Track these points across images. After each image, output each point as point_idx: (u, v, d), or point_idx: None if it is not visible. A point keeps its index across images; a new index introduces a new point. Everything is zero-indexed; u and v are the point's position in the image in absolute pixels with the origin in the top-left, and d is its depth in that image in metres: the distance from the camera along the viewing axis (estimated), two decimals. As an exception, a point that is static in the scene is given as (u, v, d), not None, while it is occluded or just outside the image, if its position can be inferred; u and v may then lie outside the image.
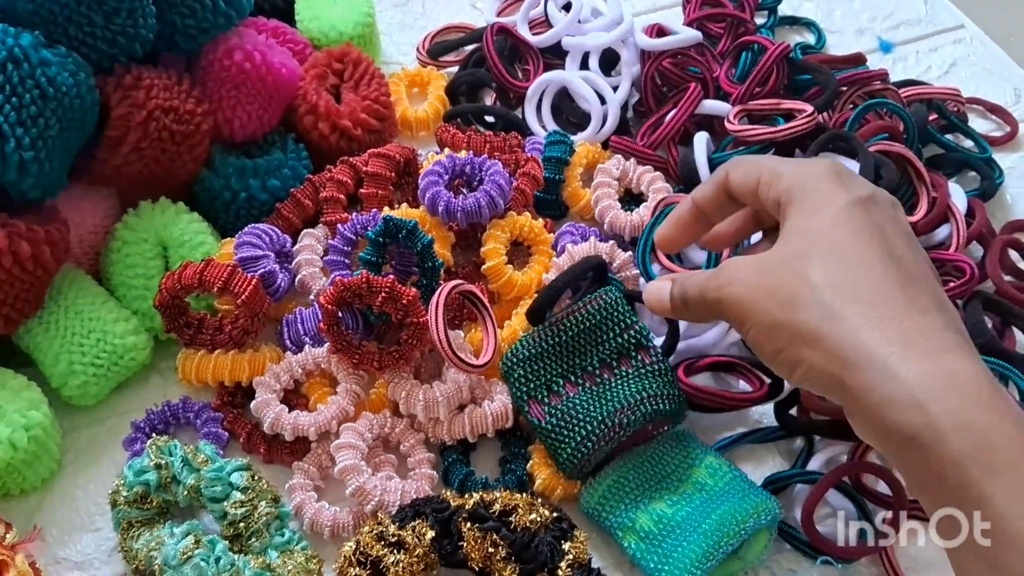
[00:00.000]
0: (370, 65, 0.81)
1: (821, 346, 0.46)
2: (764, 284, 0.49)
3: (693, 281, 0.55)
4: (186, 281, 0.64)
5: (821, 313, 0.46)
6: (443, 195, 0.70)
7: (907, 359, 0.44)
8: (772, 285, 0.49)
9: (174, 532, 0.56)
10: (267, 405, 0.64)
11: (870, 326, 0.45)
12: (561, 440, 0.60)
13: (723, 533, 0.58)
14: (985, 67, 0.96)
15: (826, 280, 0.47)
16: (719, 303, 0.52)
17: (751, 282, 0.50)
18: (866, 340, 0.45)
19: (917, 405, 0.43)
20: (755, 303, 0.49)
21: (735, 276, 0.51)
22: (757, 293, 0.49)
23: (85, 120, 0.64)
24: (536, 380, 0.63)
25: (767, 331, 0.49)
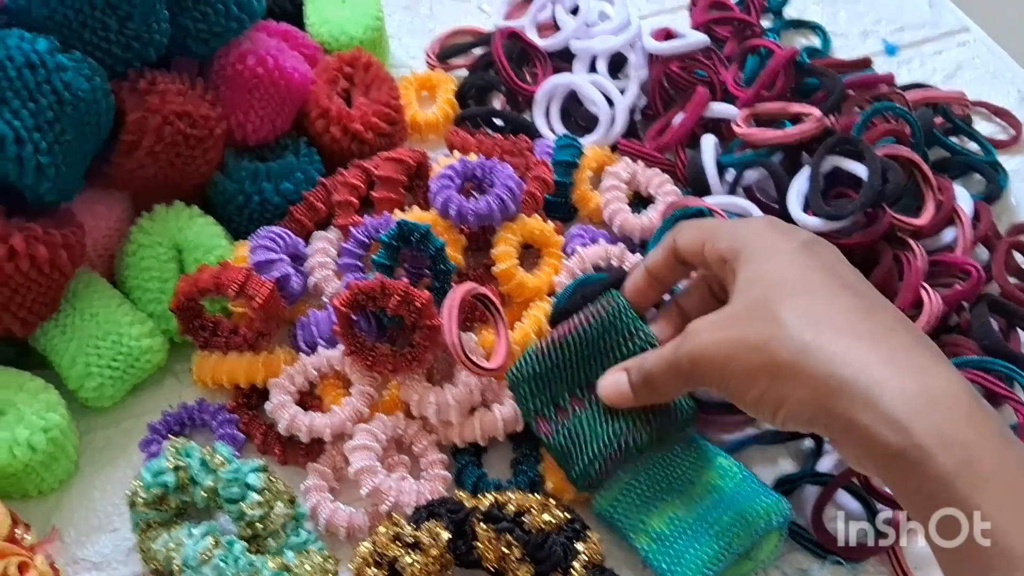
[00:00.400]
0: (380, 69, 0.81)
1: (801, 380, 0.47)
2: (734, 335, 0.50)
3: (655, 359, 0.56)
4: (202, 285, 0.64)
5: (796, 347, 0.47)
6: (455, 198, 0.71)
7: (886, 380, 0.45)
8: (742, 333, 0.50)
9: (193, 533, 0.57)
10: (283, 407, 0.64)
11: (845, 353, 0.46)
12: (569, 458, 0.61)
13: (735, 534, 0.59)
14: (989, 70, 0.96)
15: (794, 316, 0.48)
16: (693, 366, 0.52)
17: (720, 336, 0.51)
18: (843, 367, 0.46)
19: (901, 425, 0.43)
20: (729, 355, 0.50)
21: (701, 336, 0.52)
22: (729, 345, 0.50)
23: (100, 124, 0.65)
24: (542, 396, 0.62)
25: (746, 378, 0.49)
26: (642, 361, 0.57)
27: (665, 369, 0.55)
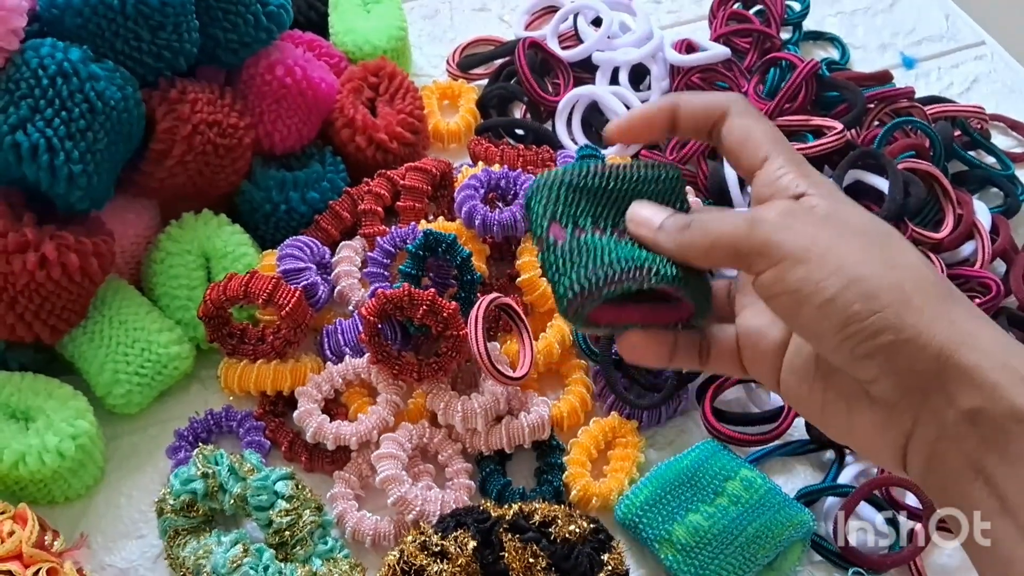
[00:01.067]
0: (405, 79, 0.82)
1: (935, 320, 0.40)
2: (852, 244, 0.42)
3: (718, 214, 0.45)
4: (231, 293, 0.65)
5: (935, 291, 0.41)
6: (480, 209, 0.71)
7: (1015, 351, 0.40)
8: (864, 246, 0.42)
9: (222, 540, 0.58)
10: (310, 415, 0.65)
11: (976, 319, 0.41)
12: (575, 267, 0.47)
13: (759, 546, 0.59)
14: (1006, 83, 0.97)
15: (927, 267, 0.42)
16: (780, 231, 0.42)
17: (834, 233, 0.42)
18: (978, 326, 0.41)
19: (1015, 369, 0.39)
20: (846, 254, 0.41)
21: (805, 217, 0.43)
22: (846, 247, 0.41)
23: (132, 133, 0.66)
24: (563, 207, 0.49)
25: (859, 287, 0.40)
26: (697, 214, 0.46)
27: (733, 226, 0.43)
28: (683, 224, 0.45)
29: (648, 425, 0.69)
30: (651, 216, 0.46)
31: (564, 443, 0.67)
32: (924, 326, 0.40)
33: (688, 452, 0.65)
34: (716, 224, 0.44)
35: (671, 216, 0.46)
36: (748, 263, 0.43)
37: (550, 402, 0.68)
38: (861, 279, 0.40)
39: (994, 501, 0.40)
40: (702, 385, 0.69)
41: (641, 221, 0.47)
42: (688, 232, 0.45)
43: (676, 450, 0.66)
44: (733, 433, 0.66)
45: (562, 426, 0.68)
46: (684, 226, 0.45)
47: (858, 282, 0.40)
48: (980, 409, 0.40)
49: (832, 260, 0.41)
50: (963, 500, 0.42)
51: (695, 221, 0.45)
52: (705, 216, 0.45)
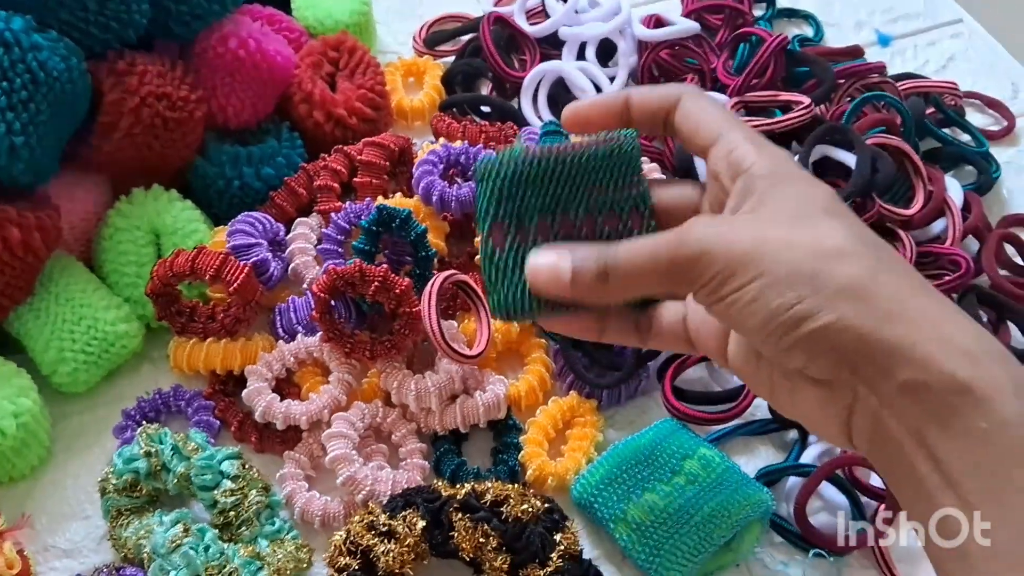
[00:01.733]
0: (366, 54, 0.80)
1: (856, 299, 0.40)
2: (777, 235, 0.41)
3: (637, 248, 0.43)
4: (178, 269, 0.63)
5: (860, 267, 0.40)
6: (437, 184, 0.70)
7: (955, 321, 0.40)
8: (788, 234, 0.41)
9: (163, 520, 0.56)
10: (259, 394, 0.63)
11: (918, 294, 0.41)
12: (503, 281, 0.47)
13: (715, 525, 0.58)
14: (983, 61, 0.95)
15: (856, 240, 0.41)
16: (704, 254, 0.41)
17: (759, 232, 0.42)
18: (916, 300, 0.40)
19: (973, 359, 0.39)
20: (770, 253, 0.41)
21: (726, 228, 0.43)
22: (771, 243, 0.41)
23: (77, 105, 0.64)
24: (509, 204, 0.48)
25: (782, 282, 0.40)
26: (608, 250, 0.44)
27: (654, 263, 0.43)
28: (598, 274, 0.43)
29: (608, 404, 0.67)
30: (556, 267, 0.44)
31: (522, 423, 0.66)
32: (845, 308, 0.39)
33: (646, 431, 0.64)
34: (635, 268, 0.43)
35: (580, 264, 0.44)
36: (681, 291, 0.43)
37: (507, 381, 0.66)
38: (783, 273, 0.40)
39: (937, 475, 0.39)
40: (663, 364, 0.68)
41: (546, 280, 0.44)
42: (607, 286, 0.43)
43: (636, 430, 0.65)
44: (694, 412, 0.65)
45: (520, 405, 0.67)
46: (600, 277, 0.43)
47: (780, 277, 0.40)
48: (917, 382, 0.39)
49: (759, 258, 0.40)
50: (910, 473, 0.41)
51: (611, 270, 0.43)
52: (621, 256, 0.43)
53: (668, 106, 0.47)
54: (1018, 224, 0.79)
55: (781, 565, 0.61)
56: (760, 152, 0.44)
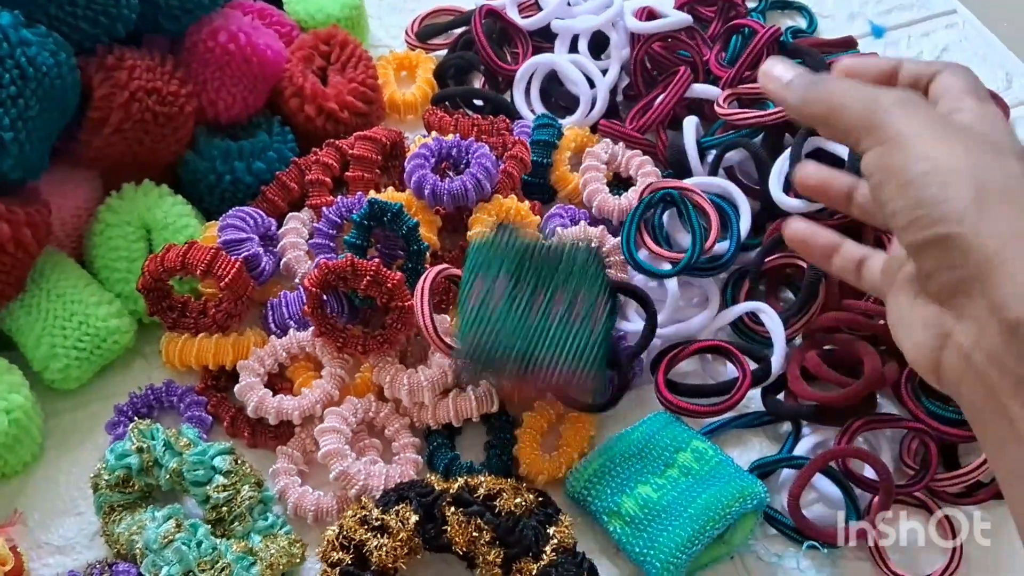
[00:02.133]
0: (357, 47, 0.80)
1: (997, 224, 0.40)
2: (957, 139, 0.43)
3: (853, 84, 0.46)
4: (169, 264, 0.63)
5: (1018, 202, 0.41)
6: (429, 178, 0.70)
7: None
8: (967, 143, 0.43)
9: (155, 516, 0.56)
10: (251, 389, 0.63)
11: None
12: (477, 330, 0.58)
13: (709, 517, 0.58)
14: (977, 52, 0.95)
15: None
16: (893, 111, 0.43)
17: (941, 128, 0.43)
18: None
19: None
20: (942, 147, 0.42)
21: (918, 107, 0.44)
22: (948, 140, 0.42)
23: (66, 101, 0.64)
24: (487, 265, 0.60)
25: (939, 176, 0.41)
26: (824, 78, 0.47)
27: (854, 96, 0.45)
28: (810, 81, 0.47)
29: (600, 398, 0.67)
30: (782, 73, 0.48)
31: (517, 417, 0.66)
32: (985, 227, 0.40)
33: (639, 424, 0.63)
34: (840, 93, 0.45)
35: (800, 74, 0.47)
36: (856, 138, 0.44)
37: (501, 375, 0.66)
38: (946, 170, 0.41)
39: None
40: (656, 357, 0.67)
41: (773, 76, 0.48)
42: (814, 90, 0.46)
43: (629, 423, 0.65)
44: (687, 405, 0.64)
45: (514, 400, 0.66)
46: (811, 83, 0.46)
47: (941, 172, 0.41)
48: (1021, 322, 0.39)
49: (929, 150, 0.42)
50: (999, 417, 0.41)
51: (823, 83, 0.46)
52: (832, 83, 0.46)
53: (930, 75, 0.48)
54: (1012, 215, 0.79)
55: (775, 557, 0.61)
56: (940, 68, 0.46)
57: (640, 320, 0.68)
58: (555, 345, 0.58)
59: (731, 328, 0.70)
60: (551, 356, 0.58)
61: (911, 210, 0.42)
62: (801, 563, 0.61)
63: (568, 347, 0.58)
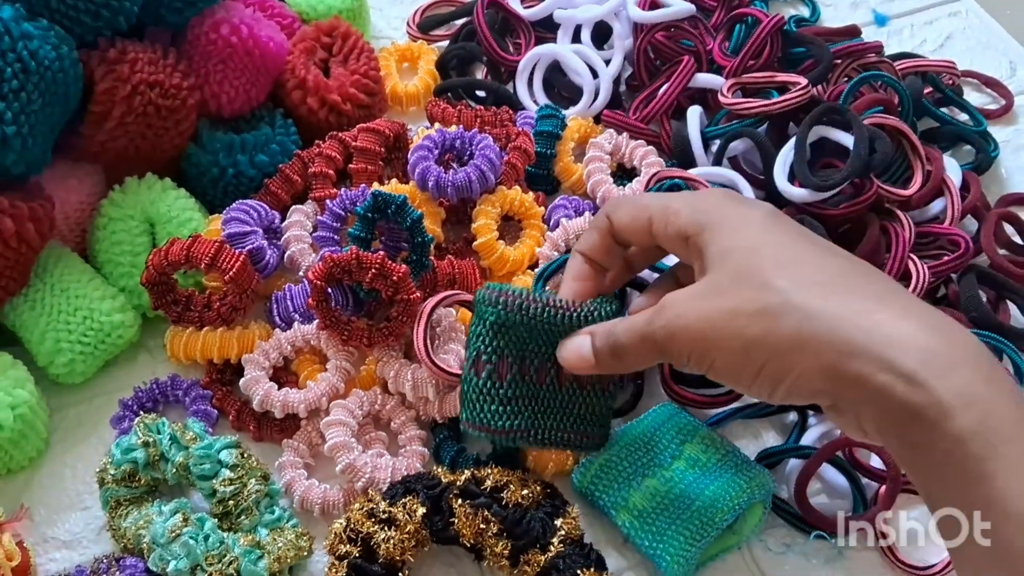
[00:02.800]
0: (359, 39, 0.80)
1: (808, 348, 0.44)
2: (722, 306, 0.46)
3: (626, 327, 0.51)
4: (173, 257, 0.63)
5: (799, 314, 0.44)
6: (433, 170, 0.69)
7: (903, 338, 0.43)
8: (732, 305, 0.46)
9: (162, 510, 0.56)
10: (256, 382, 0.63)
11: (855, 314, 0.44)
12: (477, 402, 0.56)
13: (717, 508, 0.58)
14: (981, 40, 0.95)
15: (789, 282, 0.45)
16: (670, 340, 0.48)
17: (705, 309, 0.47)
18: (855, 329, 0.43)
19: (921, 382, 0.41)
20: (718, 330, 0.46)
21: (679, 308, 0.48)
22: (717, 318, 0.46)
23: (68, 94, 0.63)
24: (497, 340, 0.56)
25: (741, 354, 0.46)
26: (612, 327, 0.52)
27: (637, 341, 0.50)
28: (612, 352, 0.52)
29: (608, 389, 0.67)
30: (581, 355, 0.54)
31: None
32: (802, 359, 0.44)
33: (645, 416, 0.63)
34: (631, 346, 0.51)
35: (597, 349, 0.53)
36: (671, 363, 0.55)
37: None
38: (738, 348, 0.46)
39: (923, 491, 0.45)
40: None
41: (576, 360, 0.54)
42: (622, 361, 0.52)
43: (635, 414, 0.64)
44: (693, 396, 0.64)
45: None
46: (614, 354, 0.52)
47: (736, 351, 0.46)
48: (883, 410, 0.43)
49: (712, 340, 0.47)
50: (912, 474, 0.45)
51: (617, 347, 0.52)
52: (621, 335, 0.51)
53: (605, 233, 0.55)
54: (1017, 203, 0.79)
55: (783, 547, 0.61)
56: (687, 209, 0.51)
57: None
58: (564, 415, 0.57)
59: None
60: (559, 425, 0.57)
61: (749, 388, 0.47)
62: (808, 553, 0.61)
63: (577, 415, 0.58)
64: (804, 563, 0.60)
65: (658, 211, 0.52)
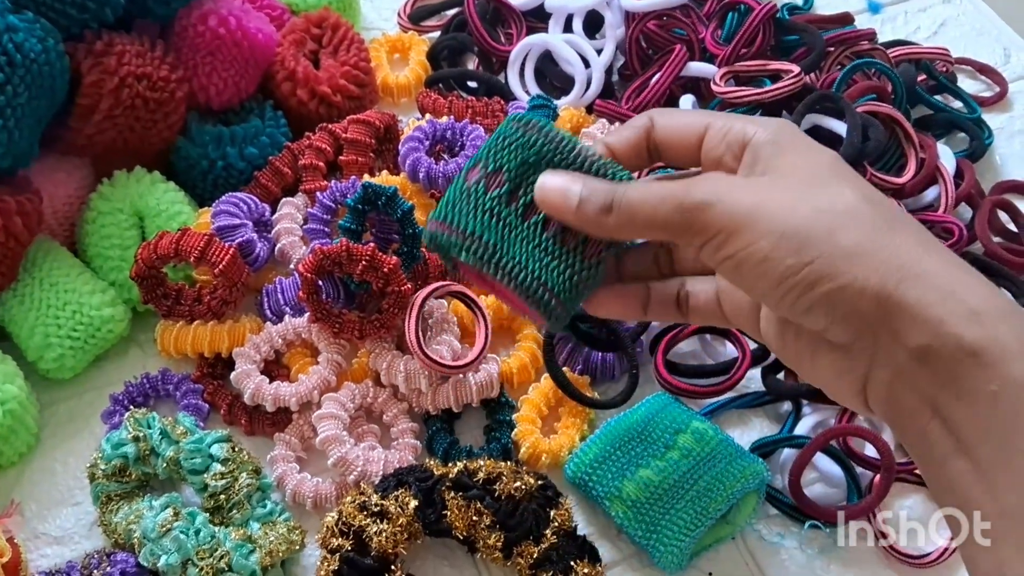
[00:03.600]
0: (349, 30, 0.79)
1: (869, 262, 0.40)
2: (782, 196, 0.41)
3: (645, 191, 0.43)
4: (162, 251, 0.63)
5: (869, 227, 0.40)
6: (424, 161, 0.69)
7: (965, 281, 0.40)
8: (794, 196, 0.41)
9: (153, 505, 0.56)
10: (247, 376, 0.63)
11: (922, 249, 0.40)
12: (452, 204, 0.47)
13: (711, 498, 0.57)
14: (975, 27, 0.94)
15: (862, 196, 0.41)
16: (705, 209, 0.41)
17: (761, 192, 0.42)
18: (923, 258, 0.40)
19: (985, 321, 0.38)
20: (772, 212, 0.41)
21: (730, 183, 0.43)
22: (773, 203, 0.41)
23: (55, 87, 0.63)
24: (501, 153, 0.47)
25: (787, 244, 0.40)
26: (620, 187, 0.44)
27: (657, 201, 0.43)
28: (604, 205, 0.43)
29: (601, 381, 0.67)
30: (566, 190, 0.44)
31: (515, 400, 0.65)
32: (859, 269, 0.39)
33: (639, 406, 0.63)
34: (643, 207, 0.43)
35: (589, 192, 0.44)
36: (684, 241, 0.43)
37: (500, 359, 0.66)
38: (791, 233, 0.40)
39: (950, 440, 0.39)
40: (655, 338, 0.67)
41: (554, 198, 0.44)
42: (612, 217, 0.43)
43: (629, 405, 0.64)
44: (687, 386, 0.64)
45: (512, 383, 0.66)
46: (606, 208, 0.43)
47: (789, 236, 0.40)
48: (928, 347, 0.39)
49: (763, 218, 0.41)
50: (923, 440, 0.41)
51: (618, 201, 0.43)
52: (631, 194, 0.43)
53: (643, 133, 0.47)
54: (1011, 190, 0.78)
55: (777, 537, 0.61)
56: (758, 123, 0.44)
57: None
58: (529, 256, 0.47)
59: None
60: (525, 267, 0.47)
61: (778, 285, 0.41)
62: (803, 542, 0.61)
63: (547, 269, 0.48)
64: (798, 552, 0.60)
65: (720, 120, 0.46)
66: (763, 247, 0.40)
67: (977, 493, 0.39)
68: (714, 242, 0.41)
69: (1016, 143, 0.84)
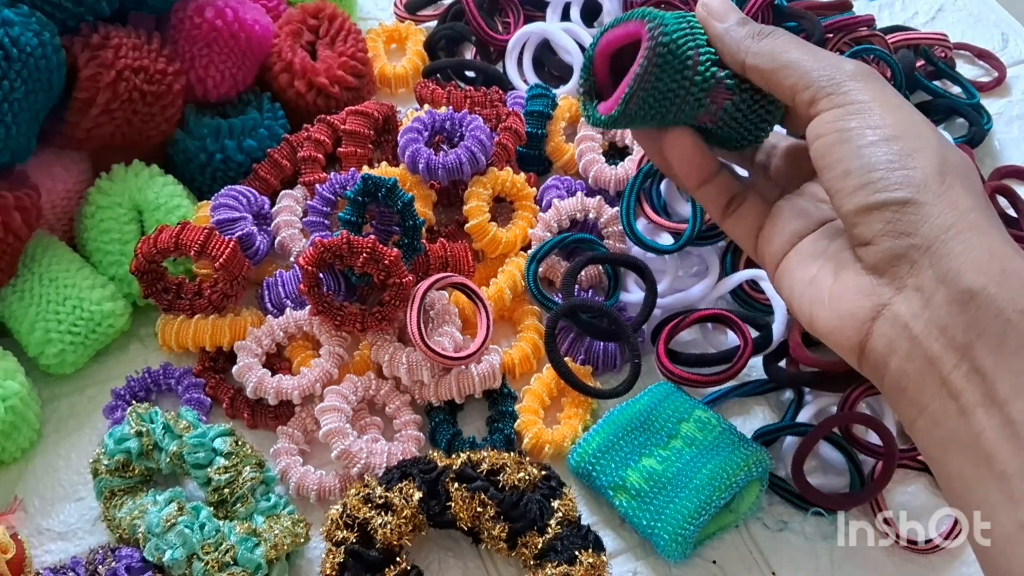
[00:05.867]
0: (346, 21, 0.79)
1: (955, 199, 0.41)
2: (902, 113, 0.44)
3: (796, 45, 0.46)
4: (162, 245, 0.62)
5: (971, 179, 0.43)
6: (423, 152, 0.69)
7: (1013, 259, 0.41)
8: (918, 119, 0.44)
9: (157, 500, 0.56)
10: (249, 369, 0.62)
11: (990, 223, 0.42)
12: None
13: (715, 487, 0.58)
14: (972, 12, 0.94)
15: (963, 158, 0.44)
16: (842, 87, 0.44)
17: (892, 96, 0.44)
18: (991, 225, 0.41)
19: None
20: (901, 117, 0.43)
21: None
22: (905, 113, 0.44)
23: (52, 81, 0.62)
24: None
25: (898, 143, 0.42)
26: (775, 31, 0.46)
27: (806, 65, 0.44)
28: (754, 32, 0.45)
29: (603, 370, 0.67)
30: (722, 11, 0.46)
31: (517, 391, 0.65)
32: (944, 200, 0.40)
33: (641, 395, 0.63)
34: (796, 51, 0.45)
35: (741, 19, 0.46)
36: (809, 98, 0.44)
37: (501, 350, 0.66)
38: (913, 138, 0.42)
39: (979, 391, 0.39)
40: (657, 327, 0.67)
41: (713, 10, 0.46)
42: (761, 43, 0.45)
43: (632, 394, 0.64)
44: (689, 375, 0.64)
45: (514, 373, 0.66)
46: (756, 34, 0.45)
47: (907, 139, 0.42)
48: (981, 292, 0.39)
49: (893, 120, 0.42)
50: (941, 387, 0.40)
51: (772, 36, 0.45)
52: (784, 39, 0.45)
53: None
54: (1011, 176, 0.78)
55: (780, 525, 0.61)
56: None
57: (640, 291, 0.68)
58: None
59: (731, 296, 0.70)
60: None
61: (866, 172, 0.42)
62: (806, 530, 0.61)
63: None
64: (802, 540, 0.60)
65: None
66: (878, 135, 0.42)
67: (1004, 448, 0.38)
68: (841, 111, 0.43)
69: (1015, 128, 0.84)
